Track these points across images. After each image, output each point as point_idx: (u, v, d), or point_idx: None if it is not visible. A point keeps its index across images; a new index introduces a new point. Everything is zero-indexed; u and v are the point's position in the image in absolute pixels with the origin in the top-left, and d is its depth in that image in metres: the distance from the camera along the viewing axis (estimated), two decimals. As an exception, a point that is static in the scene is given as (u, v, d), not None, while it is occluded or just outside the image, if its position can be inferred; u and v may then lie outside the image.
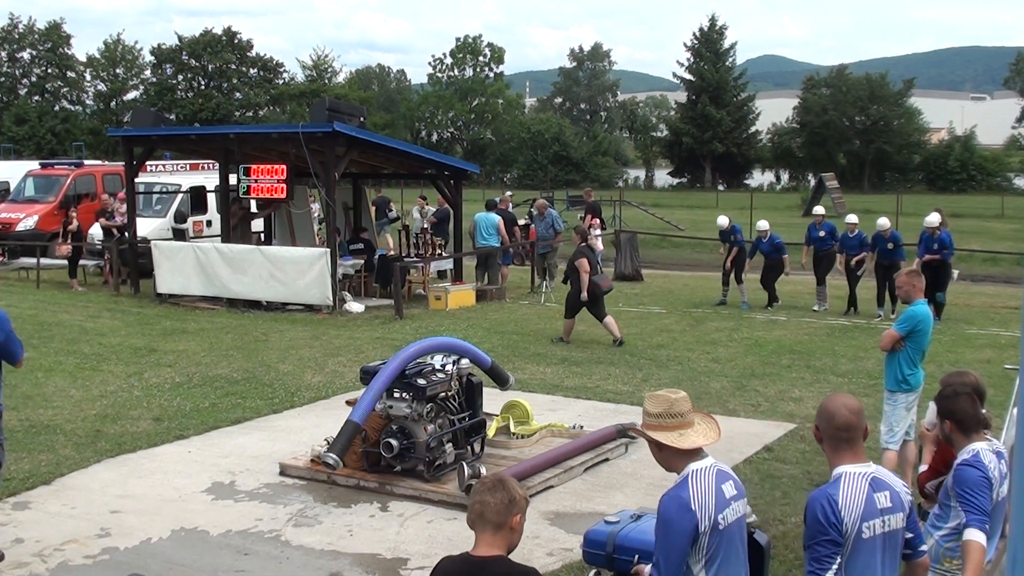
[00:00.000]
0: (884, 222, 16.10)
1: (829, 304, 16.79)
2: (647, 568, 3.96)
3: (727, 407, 10.21)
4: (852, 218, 16.88)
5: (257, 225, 20.21)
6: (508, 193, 29.84)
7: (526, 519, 3.51)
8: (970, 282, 20.91)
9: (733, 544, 3.71)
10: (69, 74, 76.41)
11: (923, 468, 4.99)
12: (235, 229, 18.06)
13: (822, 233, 16.76)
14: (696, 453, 3.73)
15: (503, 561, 3.26)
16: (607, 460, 8.42)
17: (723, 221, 17.44)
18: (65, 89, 76.84)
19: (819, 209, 17.09)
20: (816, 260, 16.96)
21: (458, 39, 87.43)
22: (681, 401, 3.78)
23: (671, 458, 3.74)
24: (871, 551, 3.57)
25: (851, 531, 3.52)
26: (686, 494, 3.59)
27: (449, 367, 8.02)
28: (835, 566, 3.53)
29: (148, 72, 78.58)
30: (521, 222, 22.52)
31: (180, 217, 21.07)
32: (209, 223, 21.81)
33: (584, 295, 13.49)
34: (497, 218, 19.02)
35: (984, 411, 4.69)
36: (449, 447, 7.73)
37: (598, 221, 21.74)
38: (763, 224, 17.29)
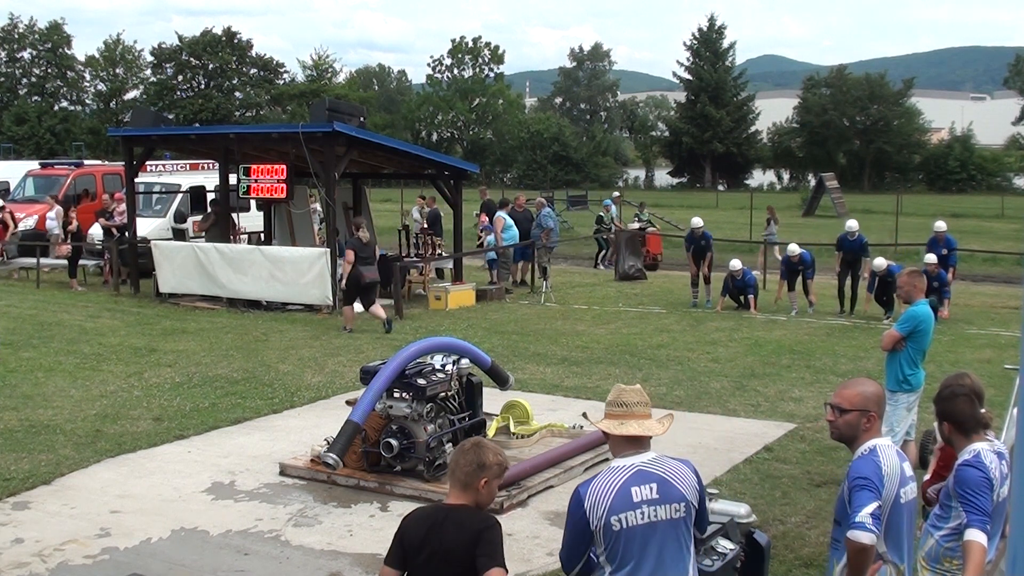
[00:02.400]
0: (880, 262, 15.63)
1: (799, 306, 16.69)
2: None
3: (727, 407, 10.21)
4: (852, 224, 16.84)
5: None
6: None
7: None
8: (970, 282, 20.91)
9: (642, 548, 3.64)
10: (69, 74, 76.44)
11: (927, 477, 5.01)
12: (210, 231, 18.06)
13: (800, 268, 16.62)
14: (635, 448, 3.75)
15: (467, 508, 3.66)
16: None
17: (698, 222, 17.45)
18: (65, 89, 76.88)
19: (794, 248, 16.68)
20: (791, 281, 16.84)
21: (454, 40, 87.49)
22: (630, 392, 3.86)
23: (612, 448, 3.84)
24: (903, 515, 3.86)
25: (892, 496, 3.78)
26: (585, 490, 3.70)
27: (449, 367, 8.02)
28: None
29: (148, 72, 78.69)
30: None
31: (180, 217, 21.06)
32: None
33: (342, 284, 14.55)
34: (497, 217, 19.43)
35: (984, 411, 4.70)
36: (449, 447, 7.72)
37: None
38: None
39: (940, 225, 16.78)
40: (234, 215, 18.86)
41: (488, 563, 3.56)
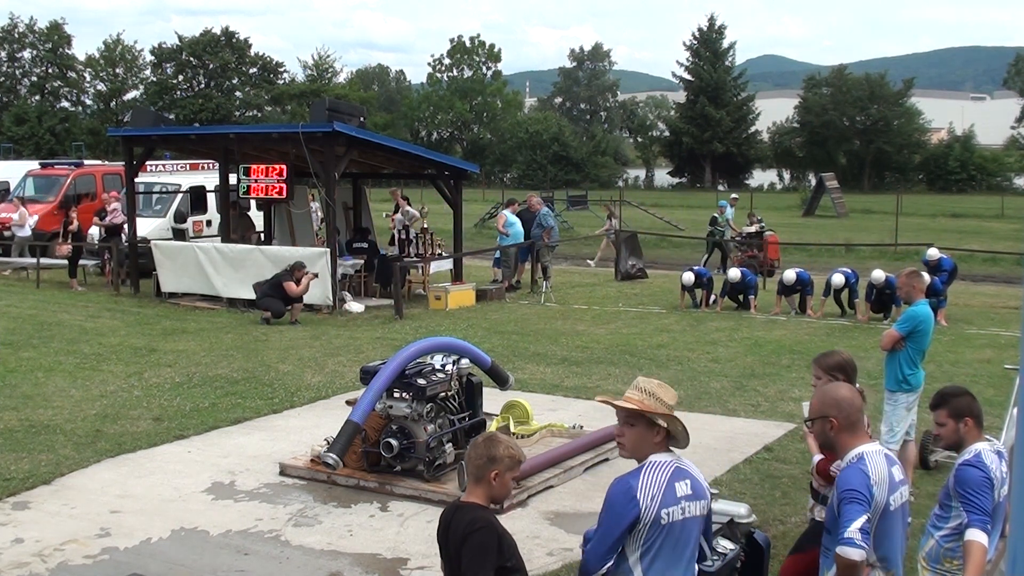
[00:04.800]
0: (879, 275, 15.45)
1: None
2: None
3: (727, 407, 10.20)
4: (789, 275, 16.47)
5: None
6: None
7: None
8: (970, 282, 20.91)
9: (676, 542, 3.71)
10: (69, 74, 76.44)
11: (818, 457, 4.99)
12: (235, 231, 18.11)
13: (799, 288, 16.47)
14: (664, 447, 3.80)
15: (472, 507, 3.75)
16: (607, 460, 8.41)
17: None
18: (65, 89, 76.88)
19: (790, 275, 16.33)
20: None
21: (452, 40, 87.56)
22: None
23: (650, 447, 3.80)
24: (896, 520, 3.88)
25: (881, 504, 3.78)
26: (635, 483, 3.68)
27: (449, 367, 8.02)
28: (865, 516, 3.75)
29: (148, 72, 78.72)
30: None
31: (180, 217, 21.07)
32: (209, 223, 21.82)
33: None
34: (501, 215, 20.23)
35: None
36: (449, 447, 7.72)
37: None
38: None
39: (932, 252, 16.46)
40: (250, 215, 19.07)
41: (465, 570, 3.61)
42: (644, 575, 3.69)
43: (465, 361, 8.19)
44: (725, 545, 4.46)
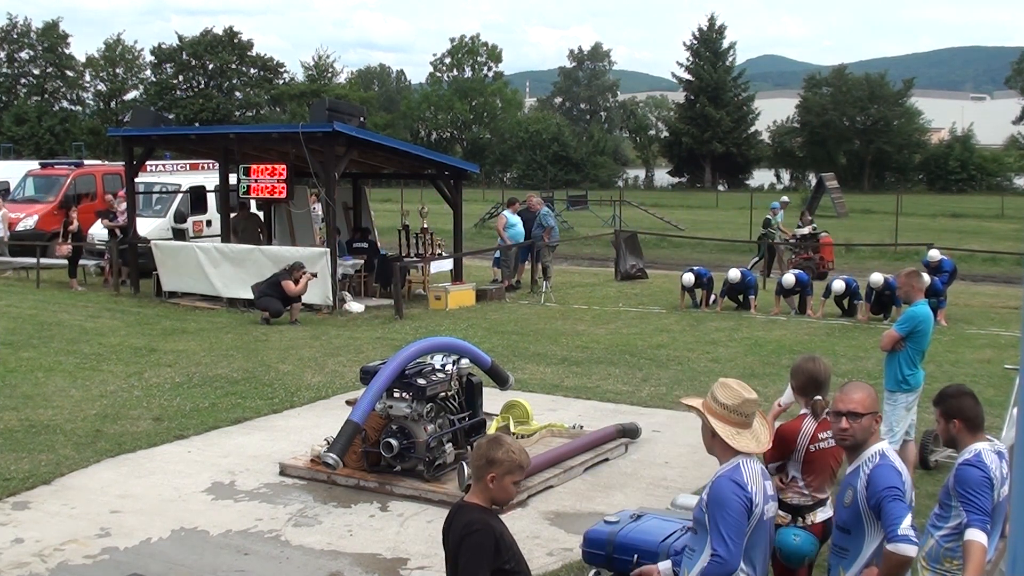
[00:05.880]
0: (877, 278, 15.45)
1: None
2: (663, 565, 4.09)
3: (727, 407, 10.18)
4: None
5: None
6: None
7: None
8: (970, 282, 20.91)
9: (767, 540, 3.83)
10: (68, 74, 76.48)
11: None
12: (240, 234, 18.10)
13: (797, 290, 16.45)
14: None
15: (471, 508, 3.76)
16: (607, 460, 8.41)
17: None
18: (64, 89, 76.90)
19: (789, 279, 16.31)
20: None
21: (453, 39, 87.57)
22: (751, 404, 3.97)
23: (722, 447, 3.90)
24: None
25: (910, 501, 3.92)
26: (740, 477, 3.77)
27: (449, 367, 8.02)
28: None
29: (148, 72, 78.77)
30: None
31: (180, 217, 21.07)
32: (209, 223, 21.82)
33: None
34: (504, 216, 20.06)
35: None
36: (449, 447, 7.73)
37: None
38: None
39: (933, 254, 16.59)
40: (259, 213, 19.12)
41: (462, 571, 3.64)
42: (752, 572, 3.78)
43: (465, 361, 8.20)
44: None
